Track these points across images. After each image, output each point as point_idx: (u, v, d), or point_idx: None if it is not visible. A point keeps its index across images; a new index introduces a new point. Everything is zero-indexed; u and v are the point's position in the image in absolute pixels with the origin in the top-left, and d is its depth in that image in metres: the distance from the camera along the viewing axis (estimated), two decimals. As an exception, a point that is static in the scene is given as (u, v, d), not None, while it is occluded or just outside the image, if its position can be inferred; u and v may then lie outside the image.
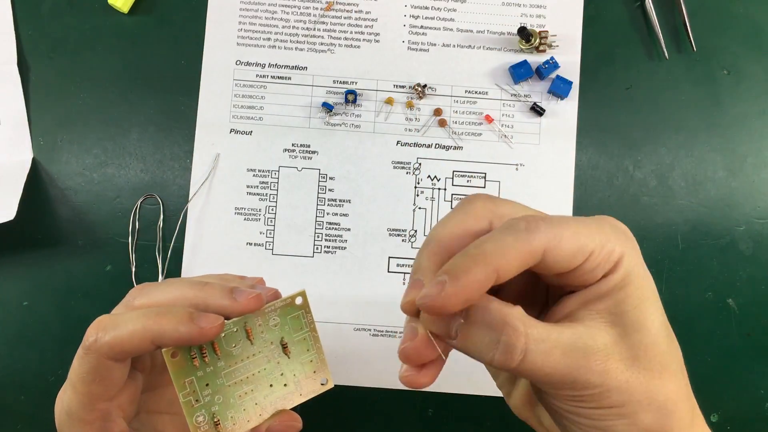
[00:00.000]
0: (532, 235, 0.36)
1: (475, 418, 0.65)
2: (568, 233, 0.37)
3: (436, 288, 0.36)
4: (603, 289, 0.37)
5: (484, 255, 0.36)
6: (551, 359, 0.36)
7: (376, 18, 0.67)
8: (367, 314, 0.65)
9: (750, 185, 0.68)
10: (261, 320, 0.43)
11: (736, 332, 0.66)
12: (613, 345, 0.37)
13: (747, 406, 0.66)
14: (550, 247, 0.36)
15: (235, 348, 0.43)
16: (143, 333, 0.41)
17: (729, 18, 0.69)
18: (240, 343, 0.43)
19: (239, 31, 0.67)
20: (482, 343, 0.38)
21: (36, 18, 0.66)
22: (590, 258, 0.37)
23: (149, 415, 0.47)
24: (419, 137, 0.66)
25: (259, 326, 0.43)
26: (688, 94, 0.68)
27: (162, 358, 0.42)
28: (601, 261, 0.37)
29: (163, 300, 0.44)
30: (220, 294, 0.43)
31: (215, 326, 0.41)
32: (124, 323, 0.41)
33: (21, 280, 0.64)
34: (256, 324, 0.43)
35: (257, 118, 0.66)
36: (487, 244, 0.36)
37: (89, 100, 0.66)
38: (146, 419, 0.47)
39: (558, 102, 0.67)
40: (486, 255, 0.36)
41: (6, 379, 0.63)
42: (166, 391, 0.48)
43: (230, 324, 0.42)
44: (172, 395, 0.45)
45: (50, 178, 0.65)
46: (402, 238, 0.65)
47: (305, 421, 0.64)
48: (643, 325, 0.37)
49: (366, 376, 0.64)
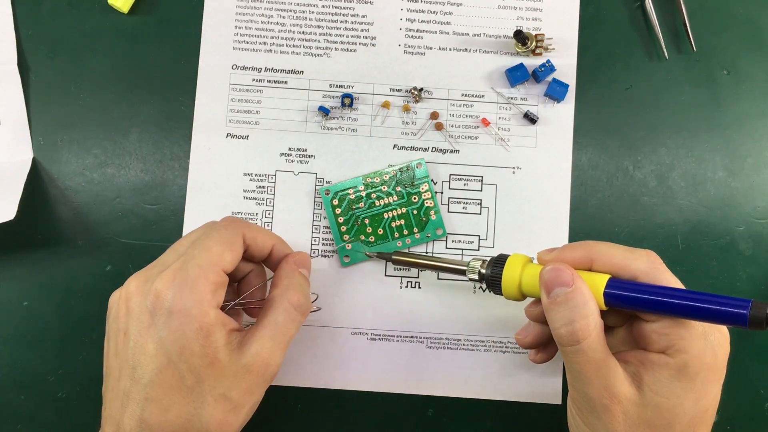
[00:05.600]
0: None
1: (475, 419, 0.65)
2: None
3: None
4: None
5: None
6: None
7: (372, 22, 0.67)
8: (364, 318, 0.65)
9: (750, 185, 0.67)
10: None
11: (736, 332, 0.66)
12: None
13: (747, 406, 0.66)
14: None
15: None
16: (270, 238, 0.58)
17: (729, 18, 0.69)
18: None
19: (235, 36, 0.67)
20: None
21: (36, 18, 0.66)
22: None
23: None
24: (416, 141, 0.66)
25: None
26: (688, 94, 0.68)
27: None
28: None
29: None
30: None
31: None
32: (256, 226, 0.57)
33: (21, 280, 0.65)
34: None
35: (254, 123, 0.66)
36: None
37: (89, 100, 0.66)
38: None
39: (554, 105, 0.67)
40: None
41: (6, 379, 0.64)
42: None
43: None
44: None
45: (50, 178, 0.65)
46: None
47: (303, 425, 0.65)
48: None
49: (365, 380, 0.65)
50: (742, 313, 0.44)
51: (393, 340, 0.65)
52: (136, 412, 0.49)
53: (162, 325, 0.49)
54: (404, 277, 0.65)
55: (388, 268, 0.65)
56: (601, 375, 0.48)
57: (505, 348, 0.65)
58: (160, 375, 0.49)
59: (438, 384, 0.65)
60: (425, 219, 0.65)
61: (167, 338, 0.49)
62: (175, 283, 0.49)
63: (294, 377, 0.64)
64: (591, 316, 0.48)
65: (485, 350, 0.65)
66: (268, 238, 0.57)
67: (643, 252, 0.51)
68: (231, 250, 0.53)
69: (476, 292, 0.65)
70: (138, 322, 0.50)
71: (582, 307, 0.48)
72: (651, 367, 0.49)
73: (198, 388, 0.49)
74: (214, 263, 0.51)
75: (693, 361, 0.48)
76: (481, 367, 0.65)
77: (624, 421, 0.49)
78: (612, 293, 0.49)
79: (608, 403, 0.49)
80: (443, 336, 0.65)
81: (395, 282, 0.65)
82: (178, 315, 0.49)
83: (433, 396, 0.65)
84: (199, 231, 0.55)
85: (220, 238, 0.53)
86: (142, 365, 0.49)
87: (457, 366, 0.65)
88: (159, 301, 0.49)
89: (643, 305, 0.48)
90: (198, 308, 0.49)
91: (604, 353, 0.49)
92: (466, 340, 0.65)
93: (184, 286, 0.49)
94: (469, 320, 0.65)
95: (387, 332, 0.65)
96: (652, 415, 0.49)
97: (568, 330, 0.48)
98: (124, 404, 0.50)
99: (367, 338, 0.65)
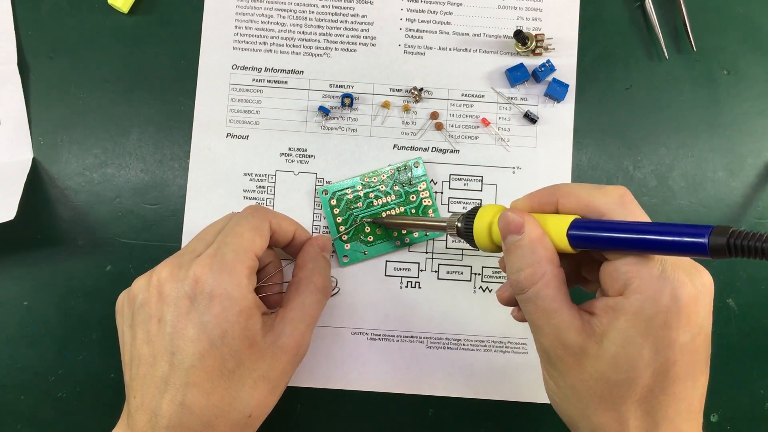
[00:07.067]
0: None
1: (475, 419, 0.65)
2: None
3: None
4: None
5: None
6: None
7: (373, 22, 0.67)
8: (364, 318, 0.65)
9: (750, 185, 0.67)
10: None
11: (736, 332, 0.66)
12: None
13: (747, 406, 0.66)
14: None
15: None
16: (292, 224, 0.60)
17: (729, 18, 0.69)
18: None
19: (235, 36, 0.67)
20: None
21: (36, 18, 0.66)
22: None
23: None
24: (416, 141, 0.66)
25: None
26: (688, 94, 0.68)
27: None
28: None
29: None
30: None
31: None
32: (280, 214, 0.60)
33: (21, 280, 0.64)
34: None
35: (254, 123, 0.66)
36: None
37: (89, 100, 0.66)
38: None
39: (554, 105, 0.67)
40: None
41: (6, 379, 0.64)
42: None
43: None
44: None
45: (50, 178, 0.65)
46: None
47: (303, 425, 0.65)
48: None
49: (364, 380, 0.65)
50: (701, 242, 0.40)
51: (393, 340, 0.65)
52: (177, 398, 0.49)
53: (203, 310, 0.50)
54: (404, 277, 0.65)
55: (388, 268, 0.65)
56: (552, 325, 0.47)
57: (505, 348, 0.65)
58: (201, 360, 0.49)
59: (438, 384, 0.65)
60: (424, 217, 0.65)
61: (209, 322, 0.49)
62: (214, 268, 0.50)
63: (294, 377, 0.64)
64: (537, 264, 0.47)
65: (485, 350, 0.65)
66: (290, 224, 0.59)
67: (611, 188, 0.48)
68: (260, 236, 0.55)
69: (476, 292, 0.65)
70: (175, 307, 0.50)
71: (529, 256, 0.47)
72: (607, 313, 0.46)
73: (238, 371, 0.50)
74: (247, 248, 0.53)
75: (648, 302, 0.44)
76: (481, 367, 0.65)
77: (579, 373, 0.47)
78: (574, 234, 0.46)
79: (562, 354, 0.47)
80: (443, 336, 0.65)
81: (395, 282, 0.65)
82: (220, 299, 0.50)
83: (433, 396, 0.65)
84: (223, 220, 0.57)
85: (250, 224, 0.55)
86: (182, 350, 0.50)
87: (457, 366, 0.65)
88: (199, 285, 0.50)
89: (603, 243, 0.45)
90: (238, 292, 0.50)
91: (556, 302, 0.47)
92: (466, 340, 0.65)
93: (223, 270, 0.50)
94: (469, 320, 0.65)
95: (387, 332, 0.65)
96: (608, 369, 0.46)
97: (515, 278, 0.48)
98: (162, 390, 0.50)
99: (367, 338, 0.65)
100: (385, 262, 0.65)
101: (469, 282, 0.65)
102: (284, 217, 0.59)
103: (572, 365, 0.47)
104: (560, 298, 0.47)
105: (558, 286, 0.47)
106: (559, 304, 0.47)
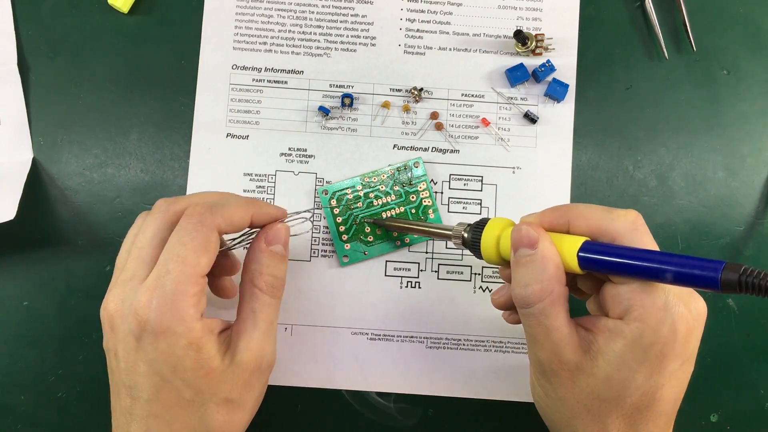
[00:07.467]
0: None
1: (475, 419, 0.65)
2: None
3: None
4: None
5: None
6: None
7: (372, 22, 0.67)
8: (364, 318, 0.65)
9: (750, 185, 0.67)
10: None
11: (735, 332, 0.66)
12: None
13: (747, 406, 0.66)
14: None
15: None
16: (245, 212, 0.52)
17: (729, 18, 0.69)
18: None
19: (235, 36, 0.67)
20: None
21: (36, 18, 0.66)
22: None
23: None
24: (416, 141, 0.66)
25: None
26: (688, 94, 0.68)
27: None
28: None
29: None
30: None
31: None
32: (230, 204, 0.52)
33: (21, 280, 0.64)
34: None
35: (254, 123, 0.66)
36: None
37: (89, 100, 0.66)
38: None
39: (554, 105, 0.67)
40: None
41: (6, 379, 0.64)
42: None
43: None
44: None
45: (50, 178, 0.65)
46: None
47: (303, 425, 0.65)
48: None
49: (364, 380, 0.65)
50: (713, 277, 0.41)
51: (393, 340, 0.65)
52: (141, 427, 0.49)
53: (149, 348, 0.48)
54: (404, 277, 0.65)
55: (388, 268, 0.65)
56: (551, 340, 0.48)
57: (505, 348, 0.65)
58: (157, 393, 0.48)
59: (438, 384, 0.65)
60: (423, 218, 0.65)
61: (157, 359, 0.48)
62: (153, 303, 0.47)
63: (294, 377, 0.64)
64: (547, 281, 0.47)
65: (485, 350, 0.65)
66: (244, 214, 0.53)
67: (622, 212, 0.49)
68: (206, 252, 0.49)
69: (476, 292, 0.65)
70: (124, 344, 0.49)
71: (540, 272, 0.47)
72: (605, 335, 0.47)
73: (198, 399, 0.49)
74: (191, 275, 0.48)
75: (648, 331, 0.46)
76: (481, 367, 0.65)
77: (572, 388, 0.49)
78: (585, 257, 0.47)
79: (557, 369, 0.49)
80: (443, 336, 0.65)
81: (395, 282, 0.65)
82: (164, 336, 0.47)
83: (433, 396, 0.65)
84: (153, 226, 0.52)
85: (194, 243, 0.49)
86: (138, 385, 0.49)
87: (457, 366, 0.65)
88: (140, 324, 0.47)
89: (613, 268, 0.46)
90: (182, 326, 0.47)
91: (558, 320, 0.48)
92: (466, 340, 0.65)
93: (164, 305, 0.47)
94: (469, 320, 0.65)
95: (387, 332, 0.65)
96: (600, 387, 0.48)
97: (521, 292, 0.48)
98: (128, 420, 0.49)
99: (367, 338, 0.65)
100: (385, 262, 0.65)
101: (469, 282, 0.65)
102: (236, 209, 0.52)
103: (565, 379, 0.49)
104: (562, 316, 0.48)
105: (563, 304, 0.48)
106: (561, 322, 0.48)
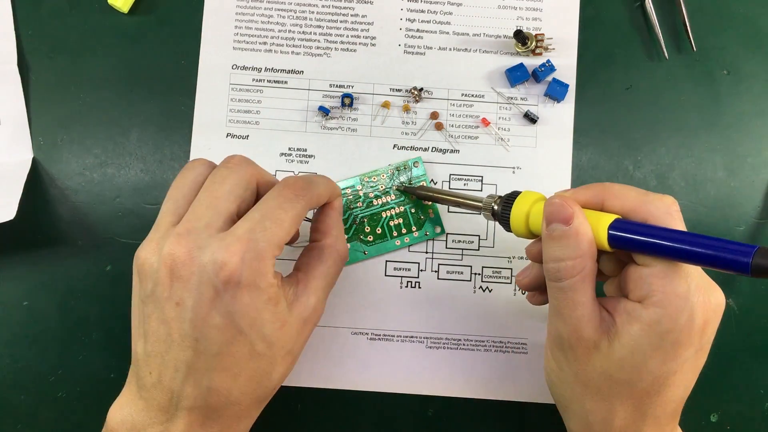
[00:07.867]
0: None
1: (475, 419, 0.65)
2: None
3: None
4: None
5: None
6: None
7: (372, 22, 0.67)
8: (364, 318, 0.65)
9: (750, 185, 0.67)
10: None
11: (736, 332, 0.66)
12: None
13: (747, 406, 0.66)
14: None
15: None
16: (328, 192, 0.55)
17: (729, 18, 0.69)
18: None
19: (235, 36, 0.67)
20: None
21: (36, 18, 0.66)
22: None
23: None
24: (416, 140, 0.66)
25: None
26: (688, 94, 0.68)
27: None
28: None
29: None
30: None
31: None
32: (320, 186, 0.54)
33: (21, 280, 0.64)
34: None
35: (254, 123, 0.66)
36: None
37: (89, 100, 0.66)
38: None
39: (554, 105, 0.67)
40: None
41: (6, 379, 0.64)
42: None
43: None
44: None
45: (50, 178, 0.65)
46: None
47: (303, 425, 0.65)
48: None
49: (364, 380, 0.65)
50: (744, 261, 0.41)
51: (393, 340, 0.65)
52: (203, 382, 0.48)
53: (230, 300, 0.47)
54: (404, 277, 0.65)
55: (388, 268, 0.65)
56: (576, 315, 0.48)
57: (505, 348, 0.65)
58: (230, 346, 0.48)
59: (438, 384, 0.65)
60: (423, 217, 0.65)
61: (238, 312, 0.47)
62: (246, 258, 0.47)
63: (294, 377, 0.64)
64: (580, 258, 0.47)
65: (485, 350, 0.65)
66: (326, 197, 0.56)
67: (659, 196, 0.49)
68: (296, 225, 0.51)
69: (476, 292, 0.65)
70: (197, 293, 0.47)
71: (574, 248, 0.47)
72: (623, 317, 0.48)
73: (269, 352, 0.50)
74: (282, 240, 0.49)
75: (666, 318, 0.46)
76: (481, 367, 0.65)
77: (586, 365, 0.49)
78: (614, 235, 0.47)
79: (575, 344, 0.49)
80: (443, 336, 0.65)
81: (395, 282, 0.65)
82: (248, 289, 0.47)
83: (433, 396, 0.65)
84: (229, 183, 0.51)
85: (294, 212, 0.50)
86: (208, 337, 0.47)
87: (457, 366, 0.65)
88: (226, 274, 0.47)
89: (643, 247, 0.46)
90: (266, 281, 0.48)
91: (586, 296, 0.48)
92: (466, 340, 0.65)
93: (254, 260, 0.47)
94: (469, 320, 0.65)
95: (387, 332, 0.65)
96: (613, 368, 0.48)
97: (554, 267, 0.48)
98: (184, 374, 0.48)
99: (367, 338, 0.65)
100: (385, 262, 0.65)
101: (469, 282, 0.65)
102: (324, 190, 0.55)
103: (581, 356, 0.49)
104: (590, 293, 0.48)
105: (592, 281, 0.49)
106: (588, 298, 0.48)
